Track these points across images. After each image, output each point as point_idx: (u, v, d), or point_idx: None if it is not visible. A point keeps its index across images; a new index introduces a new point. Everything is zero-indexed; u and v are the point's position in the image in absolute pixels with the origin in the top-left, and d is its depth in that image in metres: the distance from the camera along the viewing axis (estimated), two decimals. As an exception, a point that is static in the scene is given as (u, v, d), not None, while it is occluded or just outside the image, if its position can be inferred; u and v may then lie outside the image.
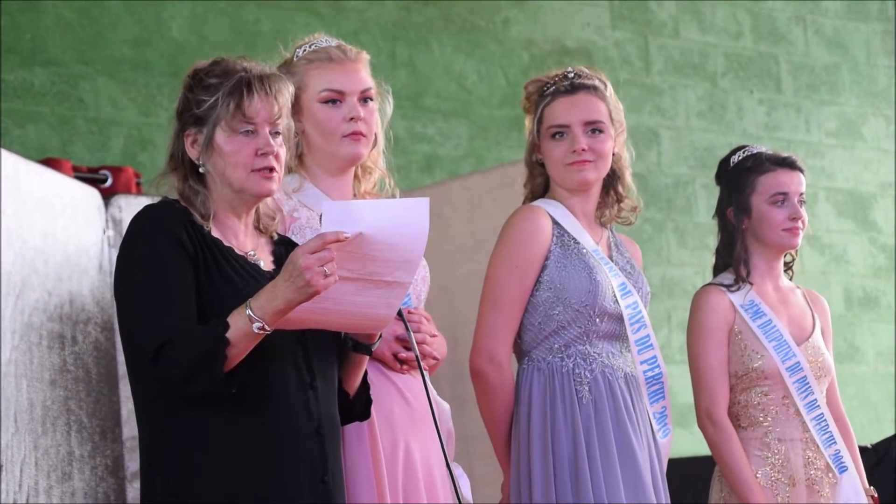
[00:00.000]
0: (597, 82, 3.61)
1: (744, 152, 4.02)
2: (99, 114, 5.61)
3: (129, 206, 4.11)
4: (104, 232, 4.09)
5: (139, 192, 4.86)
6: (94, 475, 3.87)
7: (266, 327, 2.61)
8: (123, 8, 5.71)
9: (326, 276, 2.56)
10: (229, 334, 2.61)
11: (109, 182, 4.93)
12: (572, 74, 3.61)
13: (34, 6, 5.52)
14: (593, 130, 3.57)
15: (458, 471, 3.40)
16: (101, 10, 5.66)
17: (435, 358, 3.26)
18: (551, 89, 3.60)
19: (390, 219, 2.62)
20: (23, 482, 3.58)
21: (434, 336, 3.26)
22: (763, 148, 4.05)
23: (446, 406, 3.39)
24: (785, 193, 3.94)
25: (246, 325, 2.61)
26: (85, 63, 5.60)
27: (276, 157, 2.79)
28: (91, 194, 4.11)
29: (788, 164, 3.98)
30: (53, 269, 3.81)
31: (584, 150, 3.54)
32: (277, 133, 2.81)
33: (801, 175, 3.98)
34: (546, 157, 3.60)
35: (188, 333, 2.64)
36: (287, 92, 2.82)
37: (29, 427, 3.64)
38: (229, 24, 5.95)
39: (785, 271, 4.06)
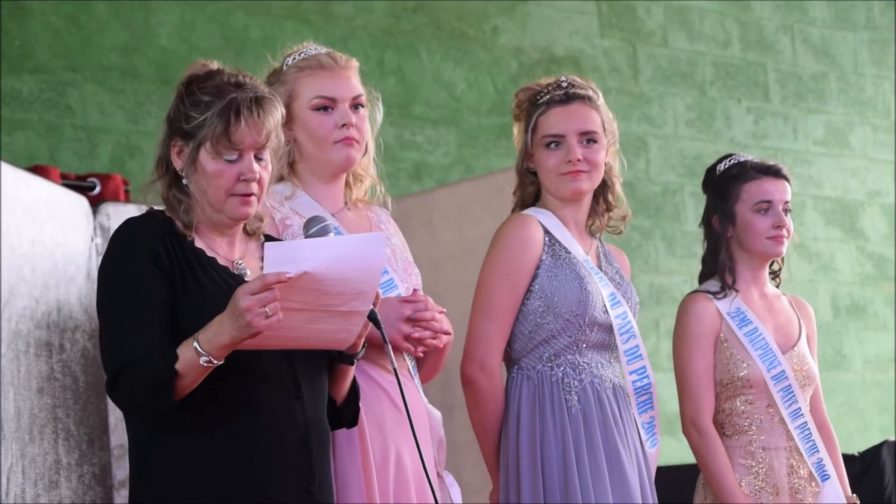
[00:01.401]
0: (590, 92, 3.62)
1: (730, 160, 4.03)
2: (87, 121, 5.60)
3: (118, 214, 4.11)
4: (92, 239, 4.08)
5: (127, 200, 4.85)
6: (81, 483, 3.86)
7: (213, 360, 2.62)
8: (112, 15, 5.70)
9: (268, 316, 2.56)
10: (178, 366, 2.63)
11: (98, 190, 4.92)
12: (566, 83, 3.61)
13: (22, 13, 5.51)
14: (588, 141, 3.57)
15: (449, 479, 3.41)
16: (90, 16, 5.65)
17: (447, 332, 3.26)
18: (545, 98, 3.60)
19: (341, 255, 2.61)
20: (10, 490, 3.58)
21: (441, 312, 3.26)
22: (749, 156, 4.05)
23: (438, 414, 3.39)
24: (769, 202, 3.94)
25: (193, 357, 2.62)
26: (73, 70, 5.59)
27: (259, 181, 2.80)
28: (79, 202, 4.10)
29: (773, 173, 3.98)
30: (41, 277, 3.81)
31: (578, 160, 3.54)
32: (261, 158, 2.80)
33: (786, 183, 3.99)
34: (539, 166, 3.60)
35: (142, 360, 2.65)
36: (278, 114, 2.81)
37: (16, 435, 3.63)
38: (218, 30, 5.95)
39: (773, 279, 4.07)
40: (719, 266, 3.96)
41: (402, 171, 6.23)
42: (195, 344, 2.62)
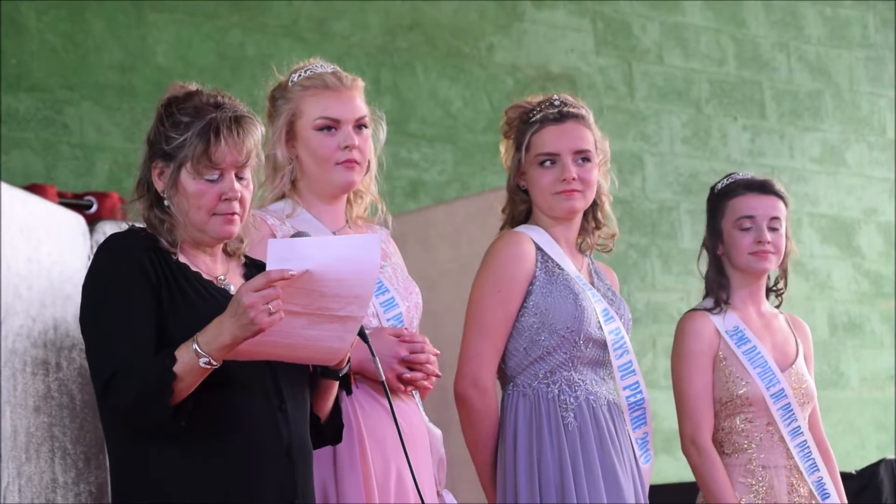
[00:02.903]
0: (583, 111, 3.63)
1: (727, 179, 4.03)
2: (84, 139, 5.61)
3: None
4: (89, 258, 4.08)
5: (124, 218, 4.85)
6: (77, 502, 3.85)
7: (212, 362, 2.62)
8: (108, 33, 5.71)
9: (271, 313, 2.56)
10: (176, 368, 2.62)
11: (94, 208, 4.92)
12: (558, 102, 3.62)
13: (19, 31, 5.52)
14: (582, 159, 3.58)
15: (449, 497, 3.41)
16: (86, 35, 5.66)
17: (438, 375, 3.30)
18: (538, 116, 3.61)
19: (338, 256, 2.62)
20: (6, 509, 3.57)
21: (436, 354, 3.28)
22: (748, 174, 4.05)
23: (438, 432, 3.39)
24: (751, 217, 3.92)
25: (193, 359, 2.61)
26: (70, 88, 5.60)
27: (241, 201, 2.81)
28: (76, 220, 4.10)
29: (758, 188, 3.96)
30: (37, 295, 3.81)
31: (573, 178, 3.55)
32: (242, 177, 2.81)
33: (774, 198, 3.95)
34: (533, 184, 3.61)
35: (136, 366, 2.64)
36: (258, 133, 2.83)
37: (12, 454, 3.62)
38: (214, 49, 5.95)
39: (775, 297, 4.06)
40: (713, 283, 3.96)
41: (397, 189, 6.23)
42: (194, 345, 2.61)
